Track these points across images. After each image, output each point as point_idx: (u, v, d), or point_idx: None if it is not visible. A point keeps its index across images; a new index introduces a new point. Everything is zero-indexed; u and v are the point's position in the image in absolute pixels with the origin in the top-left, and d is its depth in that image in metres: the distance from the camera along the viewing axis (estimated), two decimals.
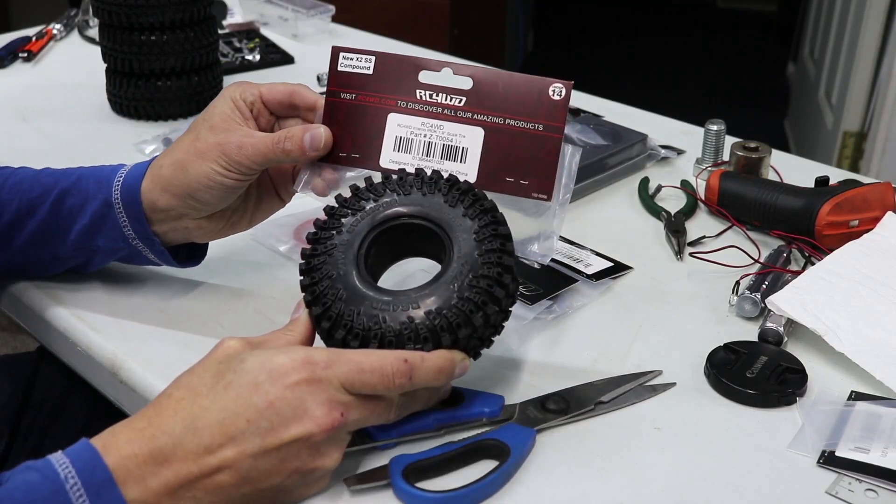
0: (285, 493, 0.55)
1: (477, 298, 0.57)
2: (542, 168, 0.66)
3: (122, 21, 1.08)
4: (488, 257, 0.59)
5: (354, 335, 0.58)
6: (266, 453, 0.53)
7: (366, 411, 0.56)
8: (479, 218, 0.60)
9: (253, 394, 0.53)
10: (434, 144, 0.68)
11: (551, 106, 0.66)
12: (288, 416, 0.53)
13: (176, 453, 0.52)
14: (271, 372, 0.54)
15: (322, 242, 0.61)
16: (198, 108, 1.15)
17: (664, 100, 2.12)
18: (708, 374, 0.69)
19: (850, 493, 0.58)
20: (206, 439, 0.52)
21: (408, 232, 0.62)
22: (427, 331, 0.57)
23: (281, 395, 0.53)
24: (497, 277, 0.58)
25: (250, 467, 0.53)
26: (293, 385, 0.54)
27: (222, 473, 0.53)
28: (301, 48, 1.43)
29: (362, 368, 0.55)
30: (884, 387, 0.67)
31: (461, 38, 2.86)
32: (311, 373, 0.54)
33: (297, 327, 0.61)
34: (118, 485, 0.51)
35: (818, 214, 0.84)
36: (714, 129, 1.00)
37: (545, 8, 4.60)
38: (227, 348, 0.57)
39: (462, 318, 0.57)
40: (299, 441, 0.53)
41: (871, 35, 2.42)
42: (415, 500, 0.56)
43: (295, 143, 0.67)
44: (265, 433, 0.53)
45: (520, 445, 0.60)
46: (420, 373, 0.56)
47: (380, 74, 0.69)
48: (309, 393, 0.54)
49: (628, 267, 0.83)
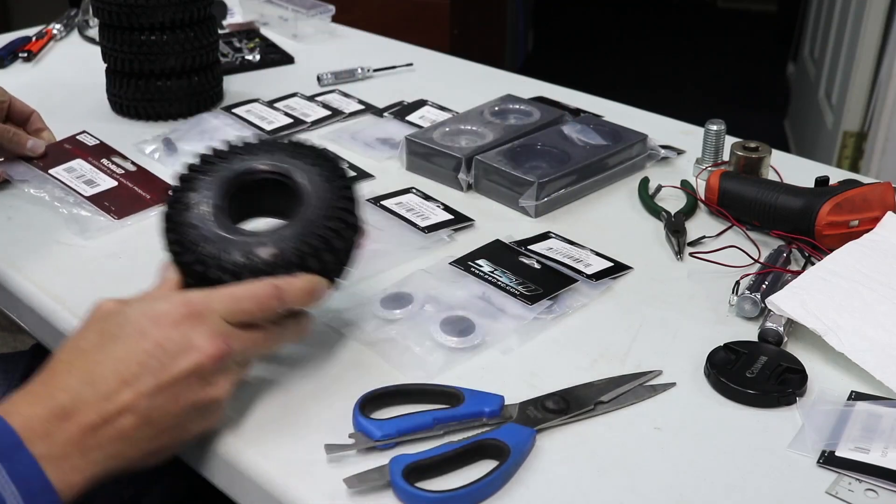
0: (183, 429, 0.59)
1: (335, 226, 0.64)
2: None
3: (122, 21, 1.08)
4: (337, 192, 0.65)
5: (229, 272, 0.62)
6: (161, 390, 0.56)
7: (247, 340, 0.60)
8: (322, 164, 0.67)
9: (140, 340, 0.57)
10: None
11: None
12: (176, 352, 0.57)
13: (77, 406, 0.54)
14: (153, 317, 0.58)
15: (180, 201, 0.66)
16: (198, 108, 1.15)
17: (664, 100, 2.12)
18: (708, 374, 0.69)
19: (850, 493, 0.58)
20: (103, 388, 0.55)
21: (261, 186, 0.68)
22: (296, 257, 0.62)
23: (166, 335, 0.57)
24: (348, 208, 0.65)
25: (148, 407, 0.56)
26: (176, 323, 0.57)
27: (124, 417, 0.55)
28: (301, 48, 1.43)
29: (237, 297, 0.60)
30: (884, 387, 0.67)
31: (461, 38, 2.86)
32: (191, 310, 0.58)
33: (166, 282, 0.64)
34: (26, 445, 0.53)
35: (818, 214, 0.84)
36: (714, 129, 1.00)
37: (545, 8, 4.60)
38: (105, 309, 0.60)
39: (324, 244, 0.63)
40: (190, 373, 0.57)
41: (871, 35, 2.42)
42: (415, 500, 0.56)
43: (22, 139, 0.96)
44: (157, 372, 0.56)
45: (520, 445, 0.60)
46: (289, 294, 0.61)
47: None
48: (192, 328, 0.58)
49: (628, 267, 0.83)
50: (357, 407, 0.63)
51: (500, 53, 3.44)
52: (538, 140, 1.01)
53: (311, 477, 0.59)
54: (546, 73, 1.53)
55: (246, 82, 1.28)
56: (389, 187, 0.97)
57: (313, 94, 1.22)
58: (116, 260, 0.84)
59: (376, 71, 1.32)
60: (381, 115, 1.17)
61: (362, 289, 0.79)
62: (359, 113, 1.18)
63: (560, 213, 0.94)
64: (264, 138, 0.71)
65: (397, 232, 0.88)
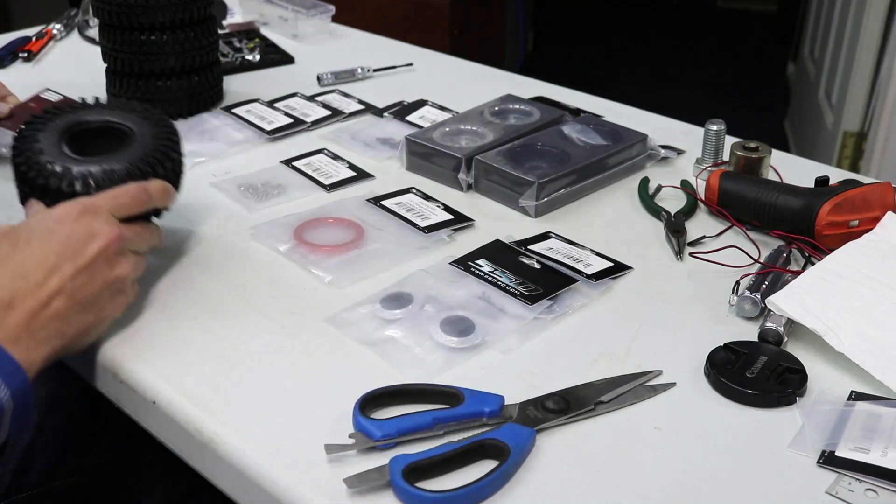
0: (103, 308, 0.69)
1: (170, 144, 0.81)
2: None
3: (122, 21, 1.08)
4: (162, 129, 0.82)
5: (101, 186, 0.74)
6: (79, 273, 0.67)
7: (131, 231, 0.73)
8: (150, 117, 0.83)
9: (51, 236, 0.67)
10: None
11: None
12: (83, 240, 0.68)
13: (15, 297, 0.64)
14: (55, 219, 0.68)
15: (30, 139, 0.77)
16: (198, 108, 1.15)
17: (664, 100, 2.12)
18: (708, 374, 0.69)
19: (850, 493, 0.58)
20: (33, 279, 0.65)
21: (99, 133, 0.81)
22: (148, 167, 0.77)
23: (71, 229, 0.68)
24: (174, 137, 0.82)
25: (73, 288, 0.66)
26: (76, 218, 0.68)
27: (56, 300, 0.65)
28: (301, 48, 1.43)
29: (116, 195, 0.73)
30: (884, 387, 0.67)
31: (461, 38, 2.86)
32: (84, 207, 0.69)
33: (36, 204, 0.74)
34: None
35: (818, 214, 0.84)
36: (714, 129, 1.00)
37: (545, 8, 4.60)
38: (3, 230, 0.68)
39: (165, 155, 0.79)
40: (98, 255, 0.68)
41: (871, 35, 2.43)
42: (415, 500, 0.56)
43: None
44: (73, 258, 0.67)
45: (520, 445, 0.60)
46: (153, 190, 0.76)
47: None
48: (91, 220, 0.69)
49: (628, 267, 0.83)
50: (357, 407, 0.63)
51: (500, 53, 3.45)
52: (538, 140, 1.01)
53: (311, 477, 0.59)
54: (546, 73, 1.53)
55: (246, 82, 1.28)
56: (389, 187, 0.97)
57: (313, 94, 1.22)
58: None
59: (376, 71, 1.32)
60: (381, 115, 1.17)
61: (362, 289, 0.79)
62: (359, 113, 1.18)
63: (560, 213, 0.94)
64: (99, 99, 0.85)
65: (397, 232, 0.88)
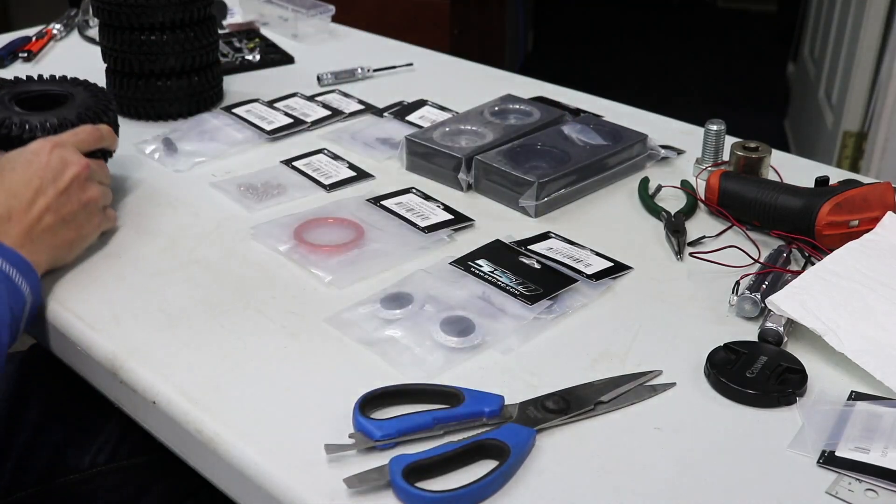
0: (82, 225, 0.81)
1: (106, 102, 0.94)
2: None
3: (122, 21, 1.08)
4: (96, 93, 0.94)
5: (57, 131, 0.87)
6: (61, 195, 0.78)
7: (95, 164, 0.84)
8: (91, 89, 0.95)
9: (30, 166, 0.79)
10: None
11: None
12: (59, 168, 0.79)
13: (10, 213, 0.76)
14: (31, 152, 0.80)
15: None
16: (198, 108, 1.15)
17: (664, 100, 2.12)
18: (708, 374, 0.69)
19: (850, 493, 0.58)
20: (24, 199, 0.77)
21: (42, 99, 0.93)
22: (95, 115, 0.90)
23: (47, 158, 0.79)
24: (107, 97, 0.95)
25: (57, 206, 0.78)
26: (50, 151, 0.80)
27: (46, 217, 0.77)
28: (301, 48, 1.43)
29: (77, 132, 0.85)
30: (884, 387, 0.67)
31: (461, 38, 2.86)
32: (54, 143, 0.81)
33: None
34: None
35: (818, 214, 0.84)
36: (714, 129, 1.00)
37: (545, 8, 4.60)
38: None
39: (105, 109, 0.92)
40: (73, 180, 0.80)
41: (871, 35, 2.43)
42: (415, 500, 0.56)
43: None
44: (53, 182, 0.79)
45: (520, 445, 0.60)
46: (104, 130, 0.88)
47: None
48: (63, 151, 0.81)
49: (628, 267, 0.83)
50: (357, 407, 0.63)
51: (500, 53, 3.45)
52: (538, 140, 1.01)
53: (311, 477, 0.59)
54: (546, 73, 1.53)
55: (246, 82, 1.28)
56: (389, 187, 0.97)
57: (313, 94, 1.22)
58: (117, 259, 0.84)
59: (376, 71, 1.32)
60: (381, 115, 1.17)
61: (362, 289, 0.79)
62: (359, 113, 1.18)
63: (560, 213, 0.94)
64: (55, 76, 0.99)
65: (397, 232, 0.88)
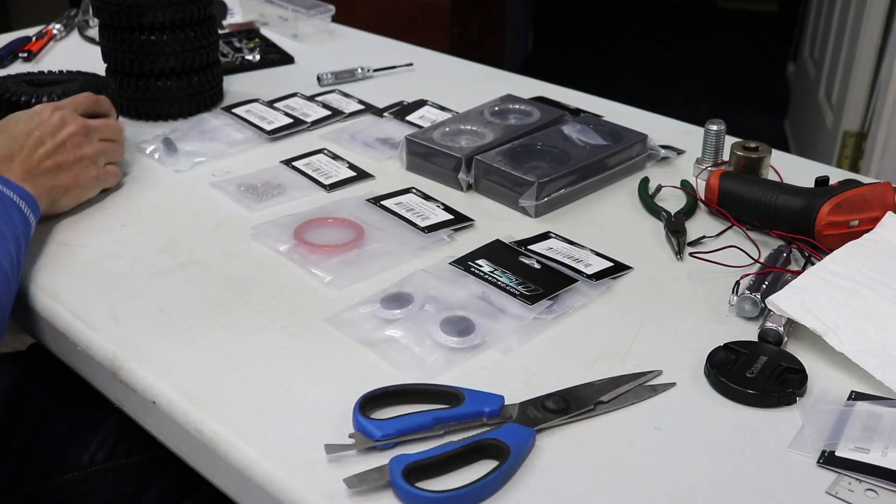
0: (78, 175, 0.88)
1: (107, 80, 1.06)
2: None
3: (122, 21, 1.08)
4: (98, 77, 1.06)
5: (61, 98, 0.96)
6: (58, 147, 0.86)
7: (96, 123, 0.92)
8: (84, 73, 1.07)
9: (31, 122, 0.87)
10: None
11: None
12: (58, 126, 0.88)
13: (13, 154, 0.84)
14: (34, 110, 0.89)
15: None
16: (198, 108, 1.15)
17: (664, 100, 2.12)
18: (708, 374, 0.69)
19: (850, 493, 0.58)
20: (25, 143, 0.85)
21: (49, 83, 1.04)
22: (94, 89, 0.99)
23: (48, 116, 0.88)
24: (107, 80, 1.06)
25: (55, 154, 0.86)
26: (51, 112, 0.89)
27: (45, 161, 0.85)
28: (301, 48, 1.43)
29: (75, 97, 0.94)
30: (884, 387, 0.67)
31: (461, 38, 2.86)
32: (53, 106, 0.90)
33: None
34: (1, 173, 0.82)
35: (818, 214, 0.84)
36: (714, 129, 1.00)
37: (545, 8, 4.60)
38: None
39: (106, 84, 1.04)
40: (70, 136, 0.88)
41: (871, 35, 2.42)
42: (415, 500, 0.56)
43: None
44: (52, 135, 0.87)
45: (520, 445, 0.60)
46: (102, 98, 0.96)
47: None
48: (60, 113, 0.88)
49: (628, 267, 0.83)
50: (357, 407, 0.63)
51: (500, 53, 3.45)
52: (538, 140, 1.01)
53: (311, 477, 0.59)
54: (546, 73, 1.53)
55: (246, 82, 1.28)
56: (389, 187, 0.97)
57: (313, 94, 1.22)
58: (117, 260, 0.84)
59: (376, 71, 1.32)
60: (381, 115, 1.17)
61: (362, 289, 0.79)
62: (359, 113, 1.18)
63: (560, 213, 0.94)
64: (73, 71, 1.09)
65: (397, 232, 0.88)
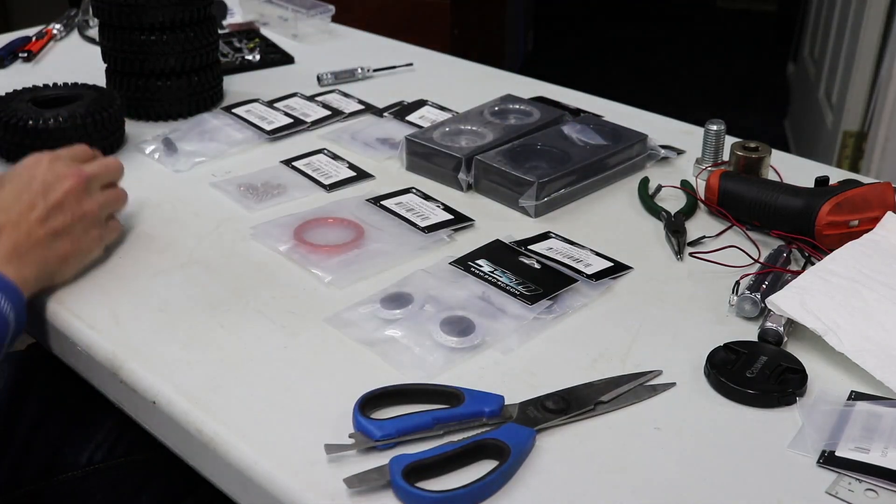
0: (78, 238, 0.79)
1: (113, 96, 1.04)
2: None
3: (122, 21, 1.08)
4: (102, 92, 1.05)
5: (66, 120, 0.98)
6: (54, 209, 0.77)
7: (100, 167, 0.83)
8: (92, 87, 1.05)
9: (26, 182, 0.78)
10: None
11: None
12: (55, 182, 0.78)
13: (4, 224, 0.74)
14: (26, 166, 0.80)
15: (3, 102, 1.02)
16: (198, 108, 1.15)
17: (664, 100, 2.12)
18: (708, 374, 0.69)
19: (850, 493, 0.58)
20: (14, 212, 0.75)
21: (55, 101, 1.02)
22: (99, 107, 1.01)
23: (43, 174, 0.78)
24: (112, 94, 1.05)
25: (49, 220, 0.76)
26: (48, 165, 0.79)
27: (37, 230, 0.76)
28: (301, 48, 1.43)
29: (70, 147, 0.85)
30: (884, 387, 0.67)
31: (461, 38, 2.86)
32: (49, 157, 0.80)
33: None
34: None
35: (818, 214, 0.84)
36: (714, 129, 1.00)
37: (545, 8, 4.60)
38: None
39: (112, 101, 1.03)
40: (68, 194, 0.78)
41: (871, 35, 2.43)
42: (415, 500, 0.56)
43: None
44: (47, 195, 0.77)
45: (520, 445, 0.60)
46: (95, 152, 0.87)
47: None
48: (56, 166, 0.79)
49: (628, 267, 0.83)
50: (357, 407, 0.63)
51: (500, 53, 3.45)
52: (538, 140, 1.01)
53: (311, 477, 0.59)
54: (546, 73, 1.53)
55: (246, 82, 1.28)
56: (389, 187, 0.97)
57: (313, 94, 1.22)
58: (117, 260, 0.84)
59: (376, 71, 1.32)
60: (381, 115, 1.17)
61: (362, 289, 0.79)
62: (359, 113, 1.18)
63: (560, 213, 0.94)
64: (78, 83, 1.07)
65: (397, 232, 0.88)
